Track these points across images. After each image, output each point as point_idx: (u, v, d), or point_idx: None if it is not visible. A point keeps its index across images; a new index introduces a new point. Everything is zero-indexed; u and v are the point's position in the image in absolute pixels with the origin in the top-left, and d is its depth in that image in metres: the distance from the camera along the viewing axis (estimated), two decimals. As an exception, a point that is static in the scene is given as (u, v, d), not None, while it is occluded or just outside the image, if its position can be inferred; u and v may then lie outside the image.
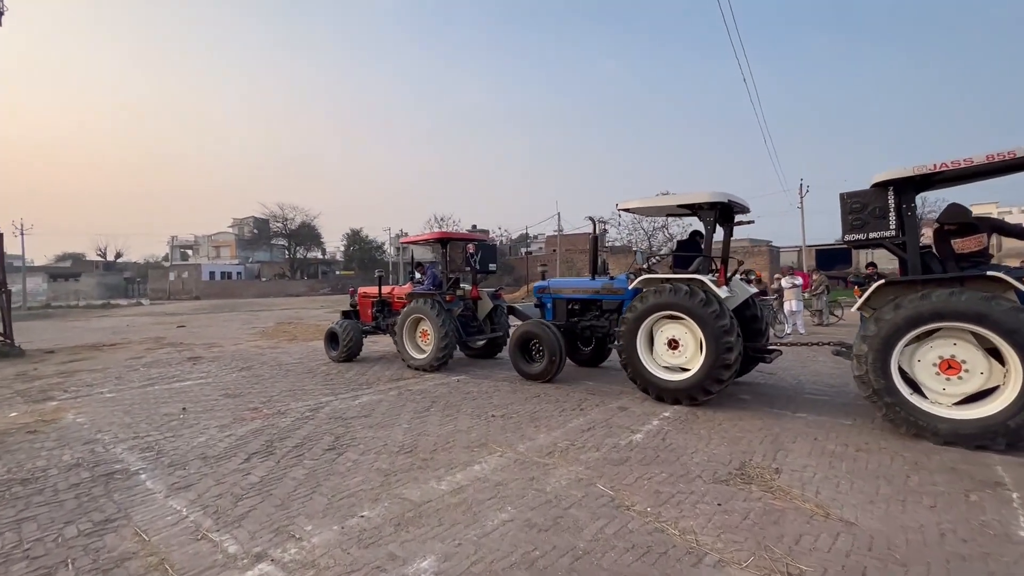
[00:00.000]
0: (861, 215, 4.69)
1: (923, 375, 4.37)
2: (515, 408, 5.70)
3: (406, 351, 8.41)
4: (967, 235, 4.62)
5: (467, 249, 8.52)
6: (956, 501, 3.15)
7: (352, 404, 6.01)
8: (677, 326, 5.76)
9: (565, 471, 3.78)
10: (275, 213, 59.74)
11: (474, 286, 9.11)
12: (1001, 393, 4.04)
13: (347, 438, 4.68)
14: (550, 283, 8.01)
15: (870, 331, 4.48)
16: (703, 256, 6.06)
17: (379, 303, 9.78)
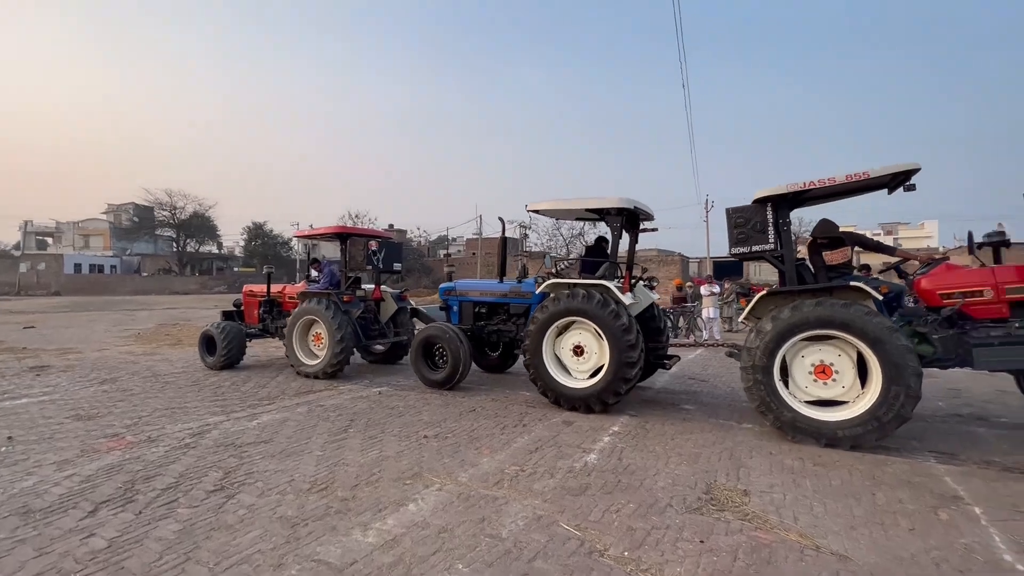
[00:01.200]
0: (744, 229, 4.96)
1: (798, 373, 4.59)
2: (450, 426, 5.00)
3: (296, 356, 7.66)
4: (835, 248, 4.97)
5: (369, 246, 7.80)
6: (930, 522, 3.01)
7: (249, 426, 4.94)
8: (583, 332, 5.70)
9: (520, 507, 3.19)
10: (161, 200, 52.97)
11: (377, 286, 8.47)
12: (852, 406, 4.35)
13: (240, 473, 3.70)
14: (456, 285, 7.64)
15: (754, 338, 4.66)
16: (609, 262, 6.02)
17: (267, 303, 8.82)
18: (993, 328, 4.33)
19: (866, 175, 4.37)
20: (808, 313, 4.40)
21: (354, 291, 8.01)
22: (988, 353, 4.27)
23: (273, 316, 8.81)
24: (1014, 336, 4.22)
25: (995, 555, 2.64)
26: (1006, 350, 4.23)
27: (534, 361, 5.76)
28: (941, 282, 4.59)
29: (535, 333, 5.76)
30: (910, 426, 5.06)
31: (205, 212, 55.72)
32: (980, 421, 5.27)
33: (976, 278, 4.47)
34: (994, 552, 2.67)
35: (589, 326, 5.57)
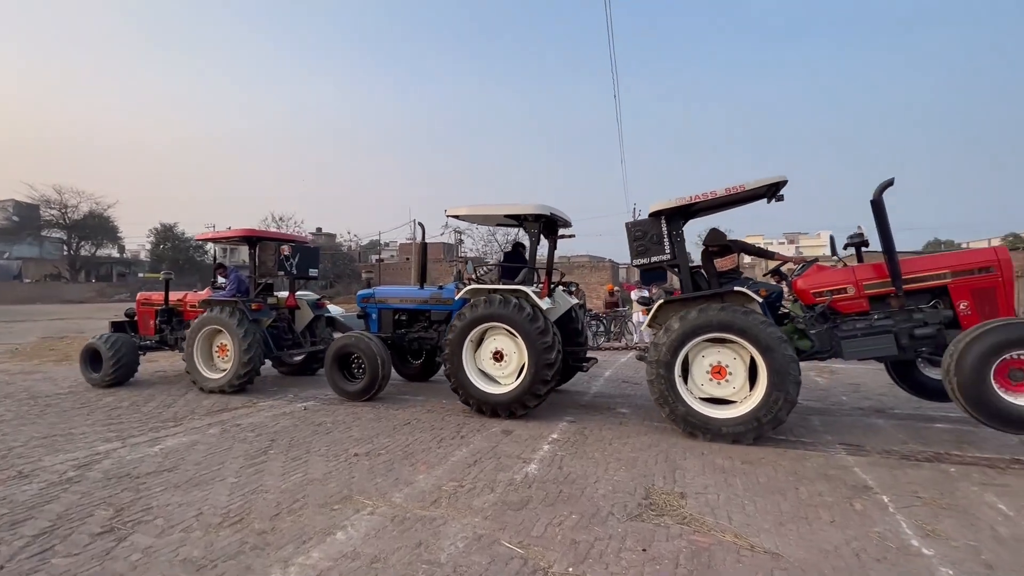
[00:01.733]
0: (643, 242, 5.22)
1: (697, 372, 4.87)
2: (382, 442, 4.72)
3: (197, 370, 7.07)
4: (724, 256, 5.32)
5: (280, 251, 7.38)
6: (848, 513, 3.20)
7: (149, 453, 4.37)
8: (502, 338, 5.72)
9: (459, 526, 3.02)
10: (49, 198, 47.05)
11: (291, 293, 8.03)
12: (738, 406, 4.69)
13: (136, 509, 3.23)
14: (375, 292, 7.43)
15: (661, 335, 4.89)
16: (528, 267, 6.13)
17: (165, 312, 8.09)
18: (858, 321, 4.79)
19: (742, 188, 4.73)
20: (712, 316, 4.65)
21: (265, 299, 7.56)
22: (854, 344, 4.72)
23: (172, 326, 8.09)
24: (875, 327, 4.70)
25: (904, 541, 2.84)
26: (868, 340, 4.69)
27: (454, 368, 5.69)
28: (813, 282, 5.00)
29: (455, 340, 5.69)
30: (823, 420, 5.46)
31: (103, 212, 50.23)
32: (879, 413, 5.79)
33: (840, 277, 4.92)
34: (903, 538, 2.87)
35: (508, 331, 5.59)
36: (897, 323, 4.66)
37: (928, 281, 4.65)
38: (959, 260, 4.68)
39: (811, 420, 5.48)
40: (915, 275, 4.68)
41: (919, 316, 4.62)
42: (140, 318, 8.33)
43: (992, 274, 4.50)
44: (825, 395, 6.81)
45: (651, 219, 5.18)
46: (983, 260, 4.56)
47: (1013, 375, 4.01)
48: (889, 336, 4.62)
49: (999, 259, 4.50)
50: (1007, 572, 2.53)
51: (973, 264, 4.58)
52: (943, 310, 4.60)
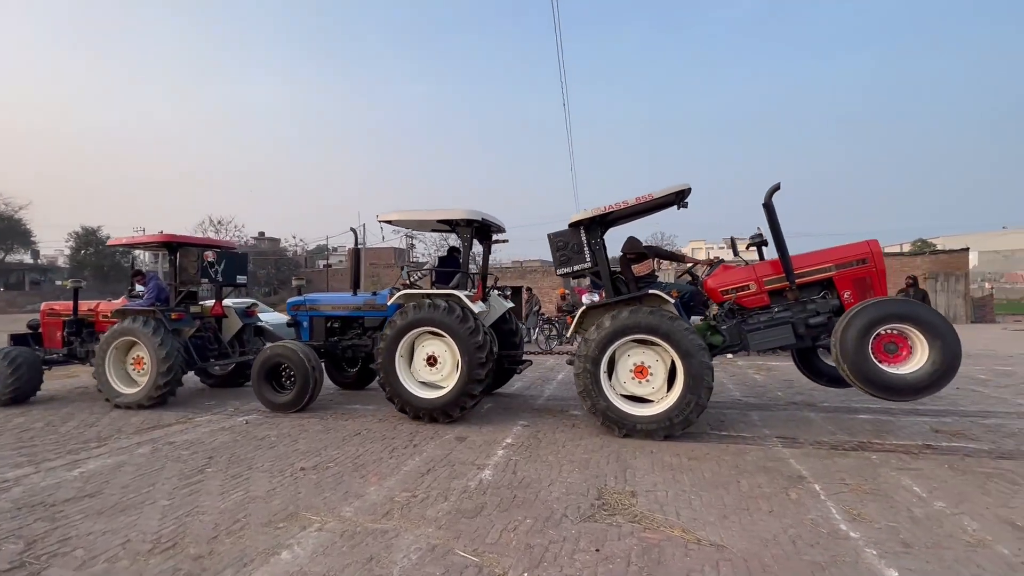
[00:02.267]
0: (565, 251, 5.42)
1: (621, 370, 5.09)
2: (331, 454, 4.55)
3: (110, 384, 6.61)
4: (641, 262, 5.59)
5: (204, 257, 7.02)
6: (784, 502, 3.39)
7: (67, 477, 4.00)
8: (436, 342, 5.73)
9: (412, 538, 2.95)
10: (-53, 197, 42.29)
11: (218, 301, 7.66)
12: (655, 405, 4.94)
13: (52, 541, 2.94)
14: (306, 299, 7.23)
15: (586, 340, 5.06)
16: (462, 272, 6.17)
17: (74, 323, 7.51)
18: (761, 315, 5.18)
19: (651, 196, 5.00)
20: (641, 319, 4.86)
21: (187, 307, 7.17)
22: (757, 336, 5.09)
23: (83, 338, 7.51)
24: (775, 319, 5.09)
25: (834, 526, 3.04)
26: (769, 331, 5.07)
27: (388, 375, 5.67)
28: (720, 281, 5.35)
29: (387, 346, 5.67)
30: (761, 415, 5.77)
31: (13, 214, 45.72)
32: (810, 407, 6.19)
33: (743, 275, 5.30)
34: (833, 523, 3.08)
35: (441, 336, 5.61)
36: (795, 314, 5.06)
37: (817, 274, 5.09)
38: (840, 254, 5.13)
39: (751, 415, 5.78)
40: (806, 270, 5.11)
41: (812, 307, 5.05)
42: (45, 330, 7.69)
43: (867, 265, 4.99)
44: (763, 391, 7.21)
45: (571, 229, 5.38)
46: (859, 253, 5.04)
47: (888, 348, 4.47)
48: (787, 326, 5.01)
49: (871, 251, 5.00)
50: (922, 548, 2.77)
51: (852, 257, 5.05)
52: (831, 299, 5.04)
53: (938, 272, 24.06)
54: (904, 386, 4.37)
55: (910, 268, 21.73)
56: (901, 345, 4.46)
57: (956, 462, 4.12)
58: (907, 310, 4.46)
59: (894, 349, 4.46)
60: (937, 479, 3.75)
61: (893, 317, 4.41)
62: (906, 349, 4.45)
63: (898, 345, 4.46)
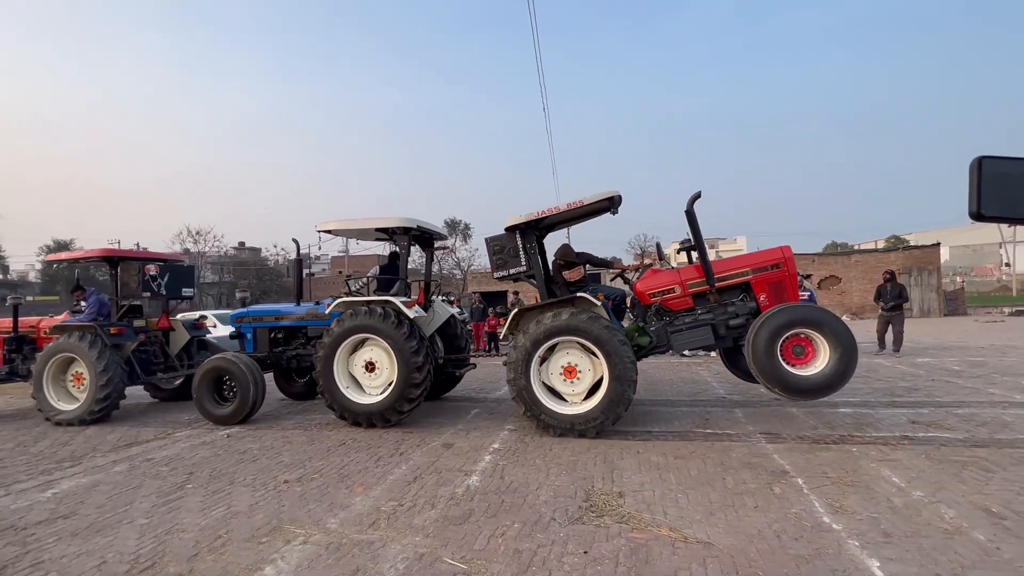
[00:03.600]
0: (502, 255, 5.52)
1: (554, 380, 5.22)
2: (315, 465, 4.48)
3: (48, 401, 6.58)
4: (573, 268, 5.75)
5: (146, 270, 7.08)
6: (768, 497, 3.44)
7: (39, 499, 3.86)
8: (374, 348, 5.79)
9: (399, 547, 2.91)
10: (-92, 212, 40.70)
11: (164, 314, 7.66)
12: (584, 404, 5.07)
13: (24, 565, 2.83)
14: (249, 311, 7.27)
15: (515, 347, 5.17)
16: (400, 279, 6.32)
17: (15, 340, 7.50)
18: (686, 316, 5.37)
19: (581, 203, 5.16)
20: (566, 321, 5.00)
21: (130, 321, 7.12)
22: (680, 337, 5.27)
23: (24, 355, 7.44)
24: (698, 321, 5.28)
25: (817, 519, 3.09)
26: (690, 333, 5.25)
27: (327, 383, 5.72)
28: (648, 284, 5.54)
29: (325, 355, 5.73)
30: (745, 412, 5.85)
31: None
32: (792, 403, 6.29)
33: (668, 278, 5.48)
34: (816, 516, 3.12)
35: (379, 342, 5.66)
36: (716, 316, 5.26)
37: (735, 278, 5.29)
38: (756, 259, 5.36)
39: (735, 413, 5.86)
40: (725, 274, 5.30)
41: (732, 309, 5.26)
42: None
43: (781, 270, 5.20)
44: (747, 389, 7.29)
45: (507, 234, 5.47)
46: (773, 258, 5.25)
47: (796, 351, 4.75)
48: (707, 328, 5.20)
49: (784, 256, 5.22)
50: (901, 538, 2.82)
51: (767, 262, 5.26)
52: (749, 302, 5.25)
53: (911, 267, 24.74)
54: (808, 386, 4.64)
55: (885, 264, 22.30)
56: (808, 348, 4.74)
57: (933, 452, 4.22)
58: (809, 315, 4.73)
59: (801, 352, 4.74)
60: (915, 469, 3.84)
61: (797, 322, 4.67)
62: (811, 352, 4.74)
63: (805, 348, 4.74)
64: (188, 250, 47.20)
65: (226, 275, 49.54)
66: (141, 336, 7.22)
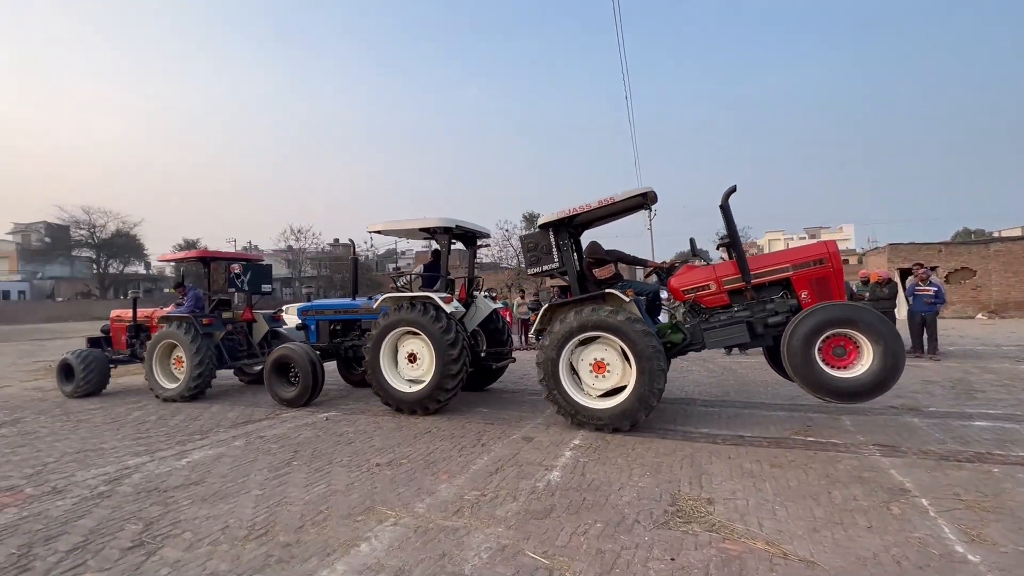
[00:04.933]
0: (535, 252, 5.60)
1: (583, 372, 5.26)
2: (403, 451, 4.72)
3: (156, 380, 7.65)
4: (602, 266, 5.72)
5: (231, 269, 8.13)
6: (885, 517, 3.07)
7: (176, 466, 4.44)
8: (416, 341, 6.18)
9: (482, 537, 2.98)
10: (78, 219, 48.79)
11: (247, 307, 8.71)
12: (625, 392, 5.00)
13: (165, 523, 3.28)
14: (313, 304, 8.02)
15: (544, 344, 5.28)
16: (440, 276, 6.64)
17: (134, 328, 8.73)
18: (722, 314, 5.21)
19: (612, 200, 5.16)
20: (591, 317, 5.04)
21: (219, 314, 8.09)
22: (713, 334, 5.14)
23: (141, 341, 8.60)
24: (735, 318, 5.11)
25: (948, 547, 2.71)
26: (724, 330, 5.10)
27: (373, 372, 6.18)
28: (682, 281, 5.40)
29: (372, 346, 6.19)
30: (854, 420, 5.29)
31: (129, 230, 51.88)
32: (913, 411, 5.58)
33: (703, 275, 5.33)
34: (946, 544, 2.74)
35: (419, 335, 6.03)
36: (754, 314, 5.08)
37: (774, 275, 5.07)
38: (798, 255, 5.11)
39: (841, 420, 5.31)
40: (763, 270, 5.10)
41: (771, 306, 5.05)
42: (114, 334, 8.93)
43: (825, 265, 4.93)
44: (855, 394, 6.59)
45: (540, 231, 5.55)
46: (817, 254, 5.00)
47: (837, 351, 4.55)
48: (742, 325, 5.03)
49: (829, 252, 4.96)
50: (1061, 579, 2.40)
51: (809, 257, 5.01)
52: (789, 300, 5.03)
53: (1070, 258, 20.87)
54: (851, 389, 4.44)
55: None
56: (850, 349, 4.52)
57: (1103, 479, 3.54)
58: (844, 314, 4.48)
59: (842, 353, 4.54)
60: (1078, 498, 3.24)
61: (831, 323, 4.48)
62: (854, 353, 4.52)
63: (847, 349, 4.53)
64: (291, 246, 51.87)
65: (324, 270, 53.71)
66: (228, 326, 8.21)
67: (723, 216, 5.01)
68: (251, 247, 56.81)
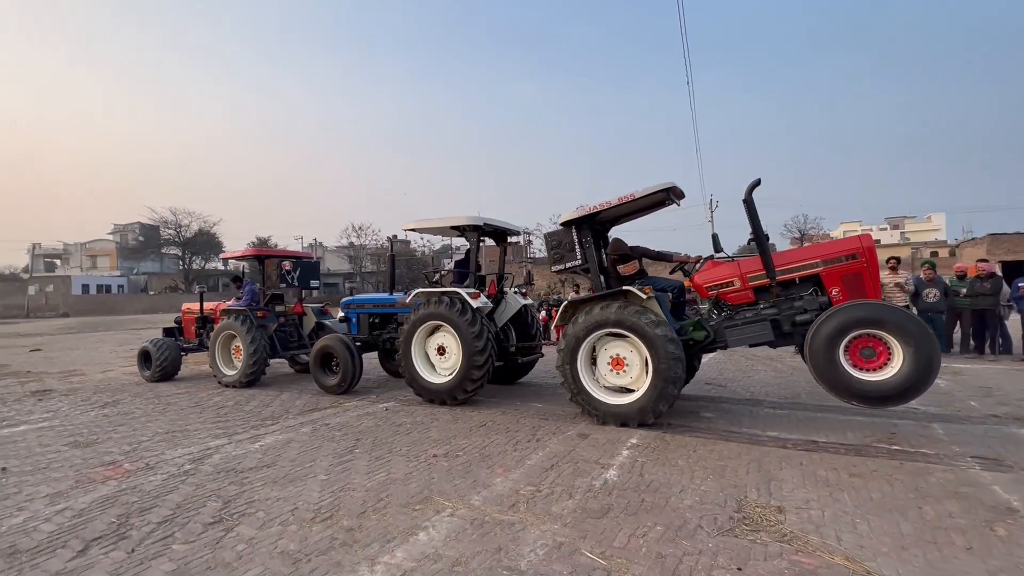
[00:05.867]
0: (559, 250, 5.69)
1: (601, 365, 5.37)
2: (459, 443, 4.78)
3: (218, 367, 8.31)
4: (626, 262, 5.72)
5: (282, 266, 8.69)
6: (988, 539, 2.76)
7: (251, 449, 4.74)
8: (445, 334, 6.41)
9: (538, 532, 2.96)
10: (166, 219, 53.47)
11: (298, 301, 9.33)
12: (638, 392, 5.06)
13: (241, 502, 3.50)
14: (355, 299, 8.52)
15: (563, 340, 5.41)
16: (470, 272, 6.84)
17: (201, 320, 9.42)
18: (747, 311, 5.09)
19: (632, 196, 5.14)
20: (609, 314, 5.09)
21: (273, 308, 8.70)
22: (735, 332, 5.02)
23: (207, 331, 9.15)
24: (760, 315, 4.98)
25: (1068, 577, 2.39)
26: (747, 327, 4.98)
27: (405, 363, 6.48)
28: (706, 277, 5.32)
29: (404, 338, 6.50)
30: (947, 429, 4.81)
31: (210, 229, 56.16)
32: (1019, 422, 4.99)
33: (728, 271, 5.20)
34: (1066, 573, 2.41)
35: (448, 329, 6.25)
36: (781, 311, 4.91)
37: (803, 271, 4.89)
38: (829, 250, 4.94)
39: (933, 428, 4.83)
40: (791, 266, 4.93)
41: (799, 303, 4.86)
42: (185, 325, 9.71)
43: (858, 261, 4.72)
44: (947, 399, 5.99)
45: (564, 229, 5.64)
46: (850, 248, 4.80)
47: (864, 353, 4.35)
48: (765, 323, 4.89)
49: (863, 246, 4.75)
50: None
51: (841, 252, 4.81)
52: (819, 297, 4.84)
53: None
54: (879, 392, 4.25)
55: None
56: (879, 350, 4.31)
57: None
58: (874, 314, 4.28)
59: (871, 354, 4.34)
60: None
61: (861, 322, 4.30)
62: (884, 354, 4.31)
63: (875, 350, 4.32)
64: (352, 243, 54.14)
65: (383, 265, 55.77)
66: (281, 319, 8.81)
67: (746, 211, 4.87)
68: (316, 244, 59.93)
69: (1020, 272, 9.27)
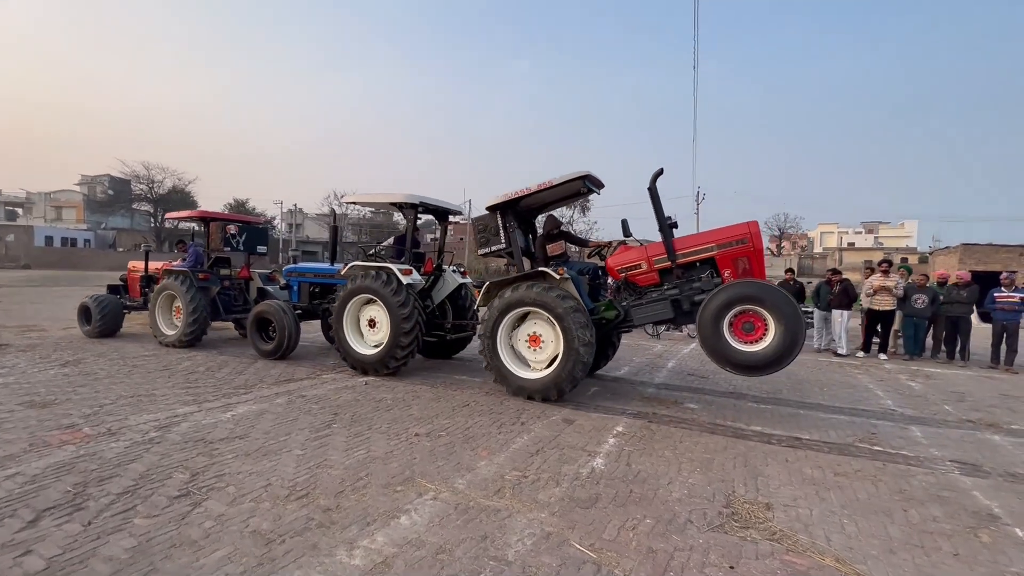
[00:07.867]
0: (485, 233, 5.90)
1: (520, 347, 5.66)
2: (442, 423, 4.65)
3: (157, 326, 8.33)
4: (555, 241, 6.09)
5: (227, 230, 8.71)
6: (972, 545, 2.76)
7: (222, 418, 4.52)
8: (376, 308, 6.53)
9: (525, 520, 2.86)
10: (138, 173, 51.08)
11: (245, 266, 9.33)
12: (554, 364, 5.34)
13: (210, 475, 3.31)
14: (296, 267, 8.73)
15: (485, 318, 5.72)
16: (407, 248, 6.98)
17: (146, 278, 9.43)
18: (653, 291, 5.50)
19: (550, 183, 5.40)
20: (524, 294, 5.40)
21: (217, 271, 8.78)
22: (640, 311, 5.42)
23: (151, 290, 9.09)
24: (663, 295, 5.36)
25: (1053, 588, 2.40)
26: (649, 307, 5.38)
27: (337, 332, 6.66)
28: (617, 260, 5.70)
29: (336, 309, 6.67)
30: (925, 432, 4.87)
31: (184, 187, 53.97)
32: (993, 428, 5.10)
33: (636, 255, 5.60)
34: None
35: (379, 303, 6.39)
36: (682, 291, 5.28)
37: (700, 254, 5.28)
38: (722, 235, 5.26)
39: (911, 431, 4.90)
40: (690, 249, 5.31)
41: (697, 284, 5.24)
42: (130, 283, 9.71)
43: (746, 245, 5.12)
44: (923, 403, 6.11)
45: (489, 213, 5.82)
46: (739, 234, 5.16)
47: (746, 327, 4.72)
48: (666, 303, 5.29)
49: (750, 232, 5.12)
50: None
51: (732, 237, 5.19)
52: (714, 278, 5.23)
53: None
54: (752, 362, 4.64)
55: None
56: (758, 325, 4.68)
57: None
58: (756, 292, 4.64)
59: (751, 328, 4.71)
60: None
61: (739, 299, 4.66)
62: (761, 329, 4.67)
63: (755, 325, 4.69)
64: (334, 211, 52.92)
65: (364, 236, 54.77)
66: (225, 283, 8.83)
67: (651, 199, 5.20)
68: (295, 210, 58.28)
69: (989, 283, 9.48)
